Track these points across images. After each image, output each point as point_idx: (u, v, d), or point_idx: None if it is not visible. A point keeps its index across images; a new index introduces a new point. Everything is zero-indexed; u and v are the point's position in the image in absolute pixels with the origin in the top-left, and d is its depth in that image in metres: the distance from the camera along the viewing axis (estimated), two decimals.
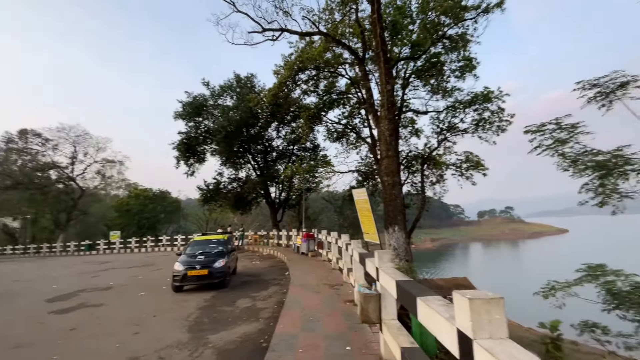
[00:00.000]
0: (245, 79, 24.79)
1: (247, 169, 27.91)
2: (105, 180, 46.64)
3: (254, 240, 24.06)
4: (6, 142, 41.55)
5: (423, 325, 2.48)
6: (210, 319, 6.68)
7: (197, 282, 9.35)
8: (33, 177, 39.40)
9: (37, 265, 21.54)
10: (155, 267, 16.15)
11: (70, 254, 30.47)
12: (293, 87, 20.05)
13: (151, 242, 29.28)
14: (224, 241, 10.91)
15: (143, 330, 6.20)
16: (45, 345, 5.72)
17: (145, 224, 38.04)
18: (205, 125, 24.34)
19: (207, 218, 44.38)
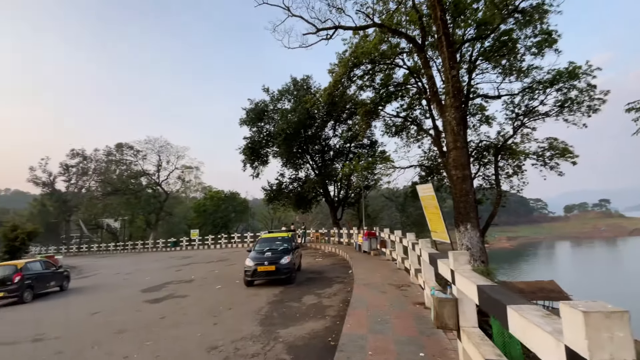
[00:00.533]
0: (301, 81, 25.40)
1: (306, 169, 28.61)
2: (185, 184, 52.32)
3: (315, 238, 24.55)
4: (107, 155, 49.27)
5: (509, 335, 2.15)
6: (280, 313, 6.93)
7: (266, 277, 9.83)
8: (128, 183, 45.96)
9: (134, 260, 25.03)
10: (229, 263, 17.48)
11: (159, 250, 34.79)
12: (348, 84, 19.88)
13: (225, 239, 31.90)
14: (288, 239, 11.28)
15: (220, 321, 6.70)
16: (141, 331, 6.54)
17: (219, 223, 41.59)
18: (267, 130, 25.59)
19: (271, 217, 46.81)
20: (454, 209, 10.09)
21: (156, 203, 46.44)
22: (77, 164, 49.74)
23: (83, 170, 50.39)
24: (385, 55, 17.12)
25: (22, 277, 11.30)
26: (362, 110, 17.92)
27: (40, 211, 50.94)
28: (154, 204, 46.36)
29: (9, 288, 11.10)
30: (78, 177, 50.70)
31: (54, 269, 13.31)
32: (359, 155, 20.82)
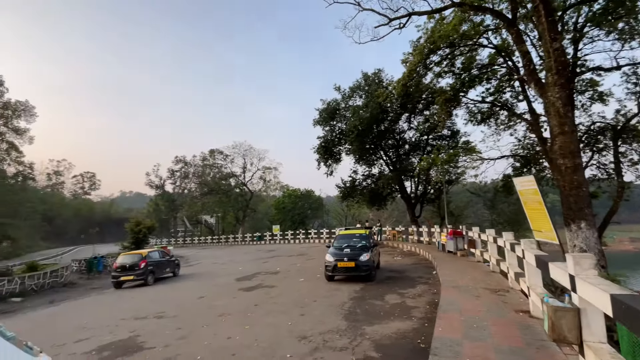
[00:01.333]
0: (372, 75, 24.93)
1: (379, 164, 28.00)
2: (266, 183, 56.55)
3: (392, 236, 23.89)
4: (202, 160, 56.38)
5: None
6: (363, 310, 6.93)
7: (346, 273, 9.94)
8: (220, 184, 51.79)
9: (227, 252, 28.08)
10: (309, 257, 18.25)
11: (247, 243, 38.33)
12: (424, 72, 18.74)
13: (302, 234, 33.45)
14: (365, 236, 11.21)
15: (307, 312, 7.02)
16: (239, 316, 7.27)
17: (297, 219, 43.85)
18: (339, 128, 25.85)
19: (345, 214, 47.28)
20: (563, 204, 8.62)
21: (243, 201, 51.33)
22: (180, 168, 58.15)
23: (184, 174, 58.65)
24: (466, 36, 15.62)
25: (146, 264, 13.73)
26: (441, 99, 16.68)
27: (154, 209, 61.01)
28: (241, 202, 51.32)
29: (137, 272, 13.59)
30: (181, 180, 59.28)
31: (168, 258, 15.80)
32: (438, 147, 19.42)
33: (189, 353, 5.24)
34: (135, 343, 5.99)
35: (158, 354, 5.32)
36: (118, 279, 13.58)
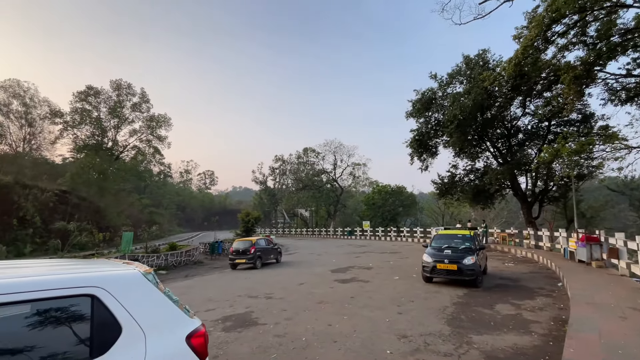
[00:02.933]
0: (476, 57, 22.31)
1: (484, 157, 25.00)
2: (355, 179, 57.19)
3: (500, 239, 21.12)
4: (297, 157, 60.51)
5: None
6: (469, 317, 6.37)
7: (446, 276, 9.27)
8: (313, 181, 54.74)
9: (321, 244, 29.53)
10: (402, 256, 17.72)
11: (338, 237, 39.55)
12: (544, 47, 15.89)
13: (394, 232, 32.62)
14: (470, 237, 10.19)
15: (404, 312, 6.85)
16: (337, 305, 7.57)
17: (388, 216, 42.96)
18: (435, 119, 24.08)
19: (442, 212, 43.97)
20: None
21: (334, 196, 53.14)
22: (279, 166, 63.67)
23: (283, 171, 63.98)
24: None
25: (255, 249, 15.56)
26: (569, 77, 13.88)
27: (259, 202, 68.51)
28: (332, 197, 53.21)
29: (248, 256, 15.53)
30: (280, 176, 64.90)
31: (272, 246, 17.56)
32: (565, 135, 16.11)
33: (295, 333, 5.74)
34: (250, 318, 6.88)
35: (270, 330, 5.99)
36: (234, 261, 15.79)
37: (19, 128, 40.63)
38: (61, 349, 1.86)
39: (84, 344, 1.89)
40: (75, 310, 1.93)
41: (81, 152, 39.82)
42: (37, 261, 3.23)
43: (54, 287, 1.88)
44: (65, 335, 1.90)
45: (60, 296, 1.89)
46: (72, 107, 40.04)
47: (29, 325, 1.81)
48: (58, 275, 2.02)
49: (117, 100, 42.28)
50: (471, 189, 23.87)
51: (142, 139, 45.43)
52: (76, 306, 1.93)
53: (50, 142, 42.31)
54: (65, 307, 1.91)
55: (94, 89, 41.14)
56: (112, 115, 42.19)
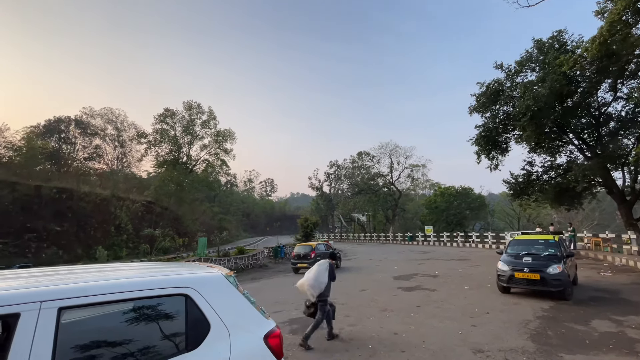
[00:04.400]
0: (549, 40, 19.89)
1: (567, 151, 21.97)
2: (414, 182, 54.87)
3: (592, 245, 18.27)
4: (352, 162, 60.37)
5: None
6: (557, 334, 5.63)
7: (527, 286, 8.32)
8: (368, 185, 53.97)
9: (380, 249, 28.85)
10: (472, 263, 16.42)
11: (397, 243, 38.22)
12: (634, 20, 13.51)
13: (461, 237, 30.39)
14: (554, 243, 9.02)
15: (479, 324, 6.32)
16: (403, 314, 7.31)
17: (453, 220, 40.23)
18: (504, 112, 21.93)
19: (517, 215, 39.69)
20: None
21: (392, 200, 51.64)
22: (334, 171, 64.24)
23: (337, 176, 64.40)
24: None
25: (315, 254, 15.88)
26: None
27: (315, 208, 69.82)
28: (390, 201, 51.76)
29: (309, 261, 15.87)
30: (335, 181, 65.41)
31: (331, 251, 17.72)
32: None
33: (361, 339, 5.69)
34: None
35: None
36: (296, 265, 16.32)
37: (113, 149, 47.96)
38: (162, 341, 2.13)
39: (181, 338, 2.14)
40: (172, 307, 2.20)
41: (162, 167, 45.21)
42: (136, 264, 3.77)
43: (155, 287, 2.17)
44: (164, 329, 2.17)
45: (160, 295, 2.17)
46: (154, 128, 45.85)
47: (134, 319, 2.11)
48: (157, 277, 2.33)
49: (189, 120, 47.21)
50: (552, 188, 21.11)
51: (211, 153, 49.87)
52: (173, 304, 2.20)
53: (137, 159, 48.96)
54: (163, 305, 2.19)
55: (170, 110, 46.56)
56: (185, 133, 47.19)
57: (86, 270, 2.70)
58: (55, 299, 1.87)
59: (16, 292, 1.85)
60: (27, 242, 25.27)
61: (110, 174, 44.29)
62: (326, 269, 5.81)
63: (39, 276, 2.48)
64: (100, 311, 2.02)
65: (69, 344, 1.83)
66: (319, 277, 5.69)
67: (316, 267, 5.85)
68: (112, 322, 2.08)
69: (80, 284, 2.03)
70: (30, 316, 1.77)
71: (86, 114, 46.43)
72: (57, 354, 1.76)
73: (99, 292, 1.98)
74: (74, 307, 1.90)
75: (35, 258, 23.85)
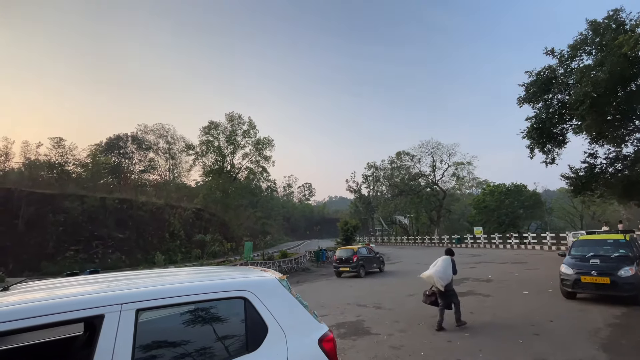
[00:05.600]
0: (605, 21, 17.94)
1: (635, 140, 19.61)
2: (459, 181, 52.27)
3: None
4: (390, 163, 59.04)
5: None
6: (633, 343, 5.03)
7: (595, 291, 7.52)
8: (409, 185, 52.39)
9: (425, 253, 27.77)
10: (529, 266, 15.22)
11: (444, 245, 36.51)
12: None
13: (515, 238, 28.23)
14: (625, 243, 8.06)
15: (542, 333, 5.83)
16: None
17: (505, 220, 37.53)
18: (559, 101, 20.15)
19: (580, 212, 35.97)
20: None
21: (435, 201, 49.60)
22: (372, 173, 63.33)
23: (376, 178, 63.40)
24: None
25: (357, 258, 15.76)
26: None
27: (355, 210, 69.26)
28: (434, 202, 49.75)
29: (351, 265, 15.81)
30: (374, 183, 64.46)
31: (374, 254, 17.46)
32: None
33: (412, 346, 5.54)
34: (362, 327, 6.96)
35: (384, 340, 5.95)
36: (338, 269, 16.31)
37: (165, 161, 52.02)
38: (224, 341, 2.28)
39: (242, 339, 2.28)
40: (233, 310, 2.35)
41: (208, 176, 48.03)
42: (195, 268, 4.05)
43: (218, 290, 2.34)
44: (226, 330, 2.32)
45: (222, 298, 2.33)
46: (200, 139, 48.96)
47: (199, 320, 2.28)
48: (219, 281, 2.50)
49: (232, 130, 49.69)
50: (619, 182, 18.94)
51: (252, 160, 51.97)
52: (233, 307, 2.35)
53: (187, 170, 52.55)
54: (225, 307, 2.35)
55: (214, 122, 49.39)
56: (228, 143, 49.74)
57: (154, 275, 2.98)
58: (134, 301, 2.09)
59: (100, 295, 2.10)
60: (95, 248, 28.23)
61: (163, 185, 48.05)
62: (449, 264, 6.66)
63: (116, 280, 2.79)
64: (170, 312, 2.23)
65: (145, 342, 2.04)
66: (446, 270, 6.54)
67: (441, 261, 6.71)
68: (179, 322, 2.26)
69: (155, 287, 2.26)
70: (113, 317, 2.00)
71: (141, 130, 51.04)
72: (136, 351, 1.96)
73: (171, 294, 2.18)
74: (149, 309, 2.12)
75: (102, 263, 26.54)
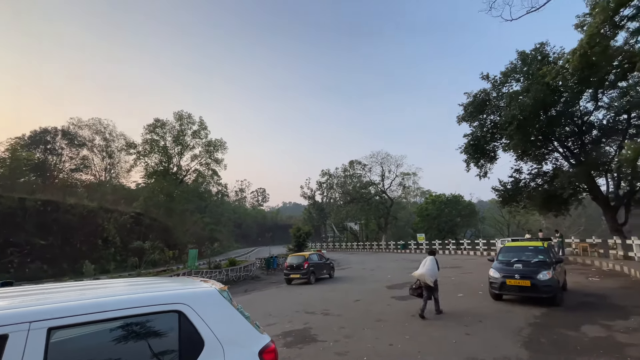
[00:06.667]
0: (532, 52, 20.65)
1: (553, 159, 22.64)
2: (405, 190, 55.32)
3: (580, 250, 18.61)
4: (344, 171, 60.62)
5: None
6: (550, 340, 5.69)
7: (518, 293, 8.42)
8: (360, 193, 54.14)
9: (373, 258, 28.81)
10: (464, 270, 16.52)
11: (390, 251, 38.24)
12: (612, 33, 14.19)
13: (452, 245, 30.60)
14: (543, 249, 9.18)
15: (473, 333, 6.34)
16: (397, 324, 7.28)
17: (444, 228, 40.58)
18: (491, 121, 22.52)
19: (507, 221, 40.30)
20: None
21: (383, 209, 51.85)
22: (326, 180, 64.28)
23: (330, 185, 64.46)
24: None
25: (308, 265, 15.74)
26: None
27: (308, 217, 69.48)
28: (382, 209, 51.95)
29: (302, 271, 15.73)
30: (327, 190, 65.40)
31: (325, 260, 17.61)
32: None
33: (357, 351, 5.63)
34: (309, 334, 6.92)
35: (330, 347, 5.97)
36: (289, 276, 16.12)
37: (101, 160, 47.25)
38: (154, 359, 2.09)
39: (174, 356, 2.10)
40: (165, 325, 2.16)
41: (151, 177, 44.59)
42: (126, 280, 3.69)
43: (147, 304, 2.13)
44: (157, 347, 2.12)
45: (152, 312, 2.13)
46: (143, 138, 45.33)
47: (125, 337, 2.06)
48: (149, 294, 2.29)
49: (180, 130, 46.87)
50: (539, 195, 21.62)
51: (202, 163, 49.49)
52: (165, 321, 2.16)
53: (126, 170, 48.26)
54: (156, 322, 2.15)
55: (161, 120, 46.20)
56: (175, 143, 46.80)
57: (75, 288, 2.64)
58: (45, 319, 1.82)
59: (3, 312, 1.80)
60: (10, 256, 24.40)
61: (97, 186, 43.45)
62: (435, 263, 8.17)
63: (26, 295, 2.41)
64: (91, 329, 1.97)
65: None
66: (433, 268, 8.03)
67: (429, 261, 8.13)
68: (103, 340, 2.02)
69: (70, 303, 1.98)
70: (18, 337, 1.72)
71: (74, 124, 45.82)
72: None
73: (89, 310, 1.94)
74: (64, 327, 1.85)
75: (18, 273, 22.99)
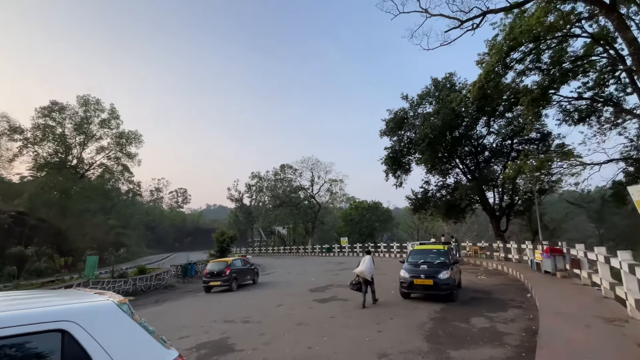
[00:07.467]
0: (443, 80, 23.77)
1: (455, 174, 26.21)
2: (332, 196, 57.55)
3: (473, 252, 21.87)
4: (274, 174, 60.16)
5: None
6: (446, 332, 6.49)
7: (423, 291, 9.45)
8: (290, 197, 54.43)
9: (299, 262, 29.09)
10: (380, 272, 17.72)
11: (316, 254, 39.18)
12: (504, 72, 17.25)
13: (371, 247, 32.82)
14: (444, 252, 10.53)
15: (384, 329, 6.87)
16: (317, 327, 7.46)
17: (365, 232, 43.34)
18: (408, 137, 25.09)
19: (417, 227, 45.05)
20: None
21: (312, 213, 52.99)
22: (255, 183, 62.83)
23: (259, 188, 63.18)
24: (553, 28, 13.98)
25: (230, 271, 15.06)
26: (527, 99, 15.05)
27: (234, 220, 66.82)
28: (310, 214, 53.04)
29: (223, 278, 14.98)
30: (256, 193, 63.97)
31: (249, 266, 17.08)
32: (526, 153, 17.34)
33: (274, 358, 5.57)
34: (226, 344, 6.60)
35: (247, 356, 5.78)
36: (208, 284, 15.15)
37: None
38: None
39: None
40: (44, 347, 1.81)
41: (42, 170, 37.38)
42: None
43: (21, 323, 1.77)
44: None
45: (27, 332, 1.77)
46: (34, 123, 37.78)
47: None
48: (25, 310, 1.90)
49: (84, 117, 40.43)
50: (443, 204, 24.76)
51: (110, 157, 43.41)
52: (45, 343, 1.82)
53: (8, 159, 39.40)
54: (32, 345, 1.79)
55: (59, 104, 39.23)
56: (77, 132, 40.19)
57: None
58: None
59: None
60: None
61: None
62: (371, 260, 9.62)
63: None
64: None
65: None
66: (371, 265, 9.44)
67: (367, 260, 9.51)
68: None
69: None
70: None
71: None
72: None
73: None
74: None
75: None
